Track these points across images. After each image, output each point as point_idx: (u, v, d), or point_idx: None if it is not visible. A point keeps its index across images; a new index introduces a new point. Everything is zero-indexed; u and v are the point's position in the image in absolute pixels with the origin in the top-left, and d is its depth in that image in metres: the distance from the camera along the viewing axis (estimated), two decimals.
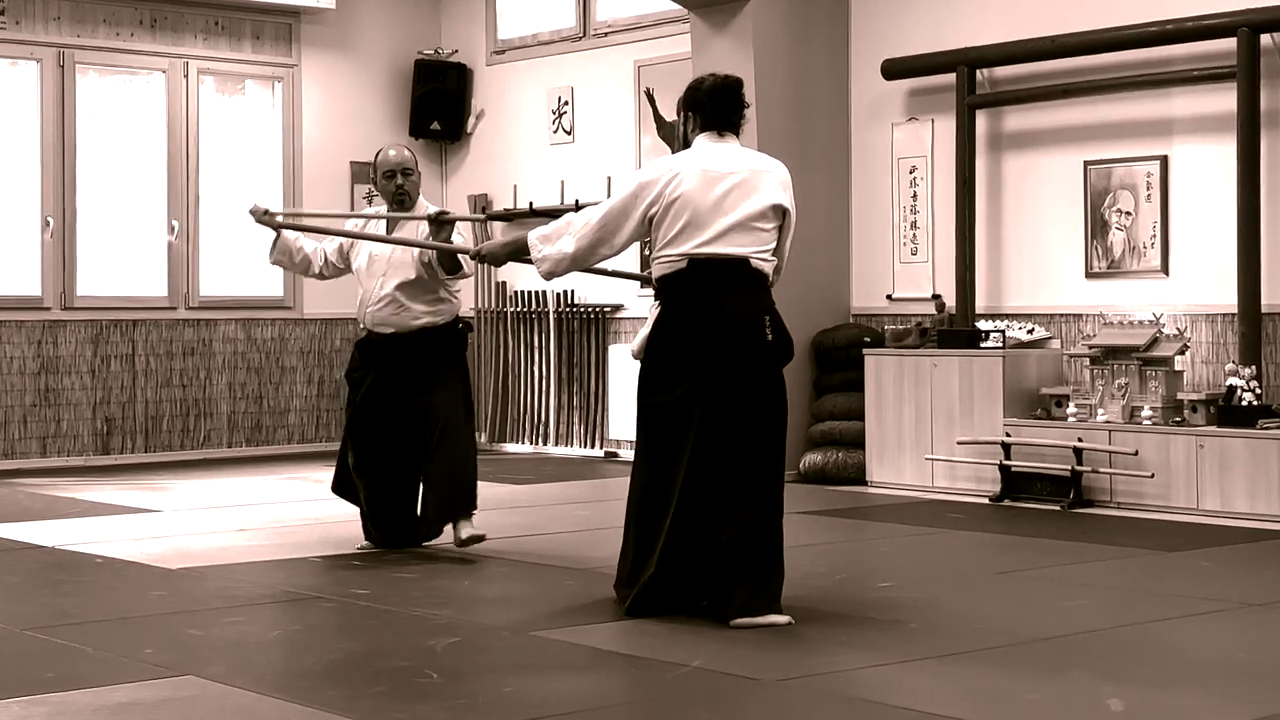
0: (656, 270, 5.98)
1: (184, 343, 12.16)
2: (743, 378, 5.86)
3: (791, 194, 6.06)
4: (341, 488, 7.68)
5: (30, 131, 11.63)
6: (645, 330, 6.04)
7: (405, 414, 7.36)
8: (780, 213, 5.99)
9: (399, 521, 7.54)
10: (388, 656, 5.33)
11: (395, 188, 7.40)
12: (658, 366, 5.97)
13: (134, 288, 12.03)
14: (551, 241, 6.14)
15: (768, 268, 5.96)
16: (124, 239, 12.04)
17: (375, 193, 7.83)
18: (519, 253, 6.35)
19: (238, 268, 12.41)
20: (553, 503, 9.32)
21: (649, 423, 6.00)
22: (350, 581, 6.80)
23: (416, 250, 7.32)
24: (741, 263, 5.88)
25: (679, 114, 6.21)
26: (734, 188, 5.90)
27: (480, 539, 7.25)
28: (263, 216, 7.34)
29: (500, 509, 8.78)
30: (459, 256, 7.20)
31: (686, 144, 6.13)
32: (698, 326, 5.86)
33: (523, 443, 12.54)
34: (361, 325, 7.56)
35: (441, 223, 7.18)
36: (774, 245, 5.99)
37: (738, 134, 6.10)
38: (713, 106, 6.05)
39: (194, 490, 10.19)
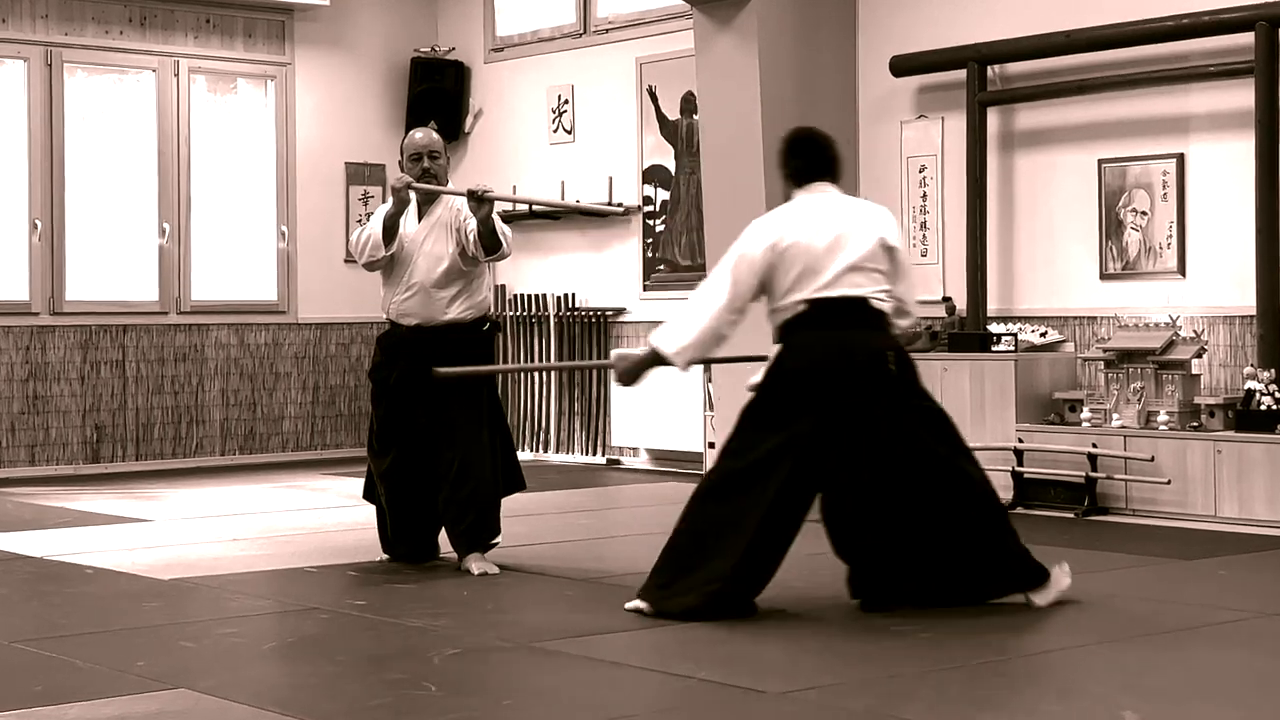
0: (776, 319, 6.15)
1: (175, 348, 12.06)
2: (872, 409, 6.00)
3: (897, 232, 6.28)
4: (371, 494, 7.53)
5: (18, 132, 11.52)
6: (766, 366, 6.17)
7: (427, 428, 7.19)
8: (890, 251, 6.15)
9: (421, 533, 7.37)
10: (385, 668, 5.27)
11: (422, 170, 7.25)
12: (772, 397, 6.09)
13: (124, 292, 11.94)
14: (681, 336, 6.17)
15: (886, 307, 6.13)
16: (114, 242, 11.94)
17: (370, 195, 7.68)
18: (657, 363, 6.29)
19: (230, 271, 12.36)
20: (553, 511, 9.23)
21: (745, 440, 6.12)
22: (346, 592, 6.74)
23: (453, 232, 7.18)
24: (860, 302, 6.08)
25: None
26: (840, 233, 6.11)
27: (493, 573, 7.07)
28: None
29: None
30: (498, 234, 7.07)
31: (787, 199, 6.35)
32: (820, 361, 6.02)
33: (523, 449, 12.38)
34: (385, 317, 7.39)
35: (481, 199, 6.99)
36: (889, 286, 6.14)
37: (835, 179, 6.30)
38: (794, 159, 6.34)
39: (186, 499, 10.12)
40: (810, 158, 6.31)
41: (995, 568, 6.16)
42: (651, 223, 11.70)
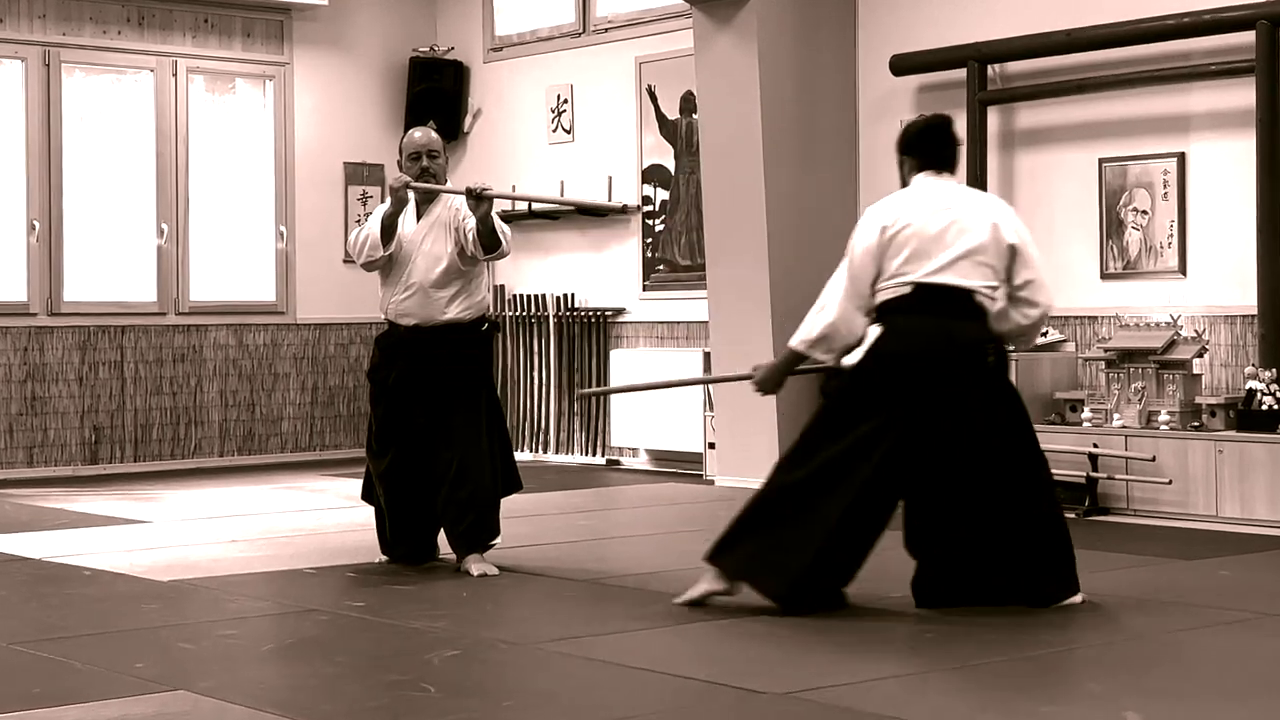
0: (880, 297, 6.09)
1: (174, 349, 12.02)
2: (968, 401, 5.97)
3: (1017, 227, 6.17)
4: (370, 495, 7.49)
5: (15, 132, 11.48)
6: (864, 346, 6.11)
7: (426, 428, 7.16)
8: (1006, 248, 6.08)
9: (419, 534, 7.33)
10: (384, 670, 5.24)
11: (420, 170, 7.20)
12: (869, 380, 6.03)
13: (122, 293, 11.89)
14: (813, 331, 6.18)
15: (991, 306, 6.06)
16: (112, 243, 11.90)
17: (368, 195, 7.65)
18: (795, 363, 6.31)
19: (228, 272, 12.32)
20: (553, 512, 9.19)
21: (839, 415, 6.07)
22: (345, 593, 6.71)
23: (451, 232, 7.15)
24: (966, 294, 6.03)
25: (897, 158, 6.39)
26: (954, 221, 6.07)
27: (492, 574, 7.04)
28: None
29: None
30: (497, 232, 7.05)
31: (904, 185, 6.33)
32: (922, 347, 5.98)
33: (522, 450, 12.35)
34: (384, 318, 7.35)
35: (480, 198, 6.96)
36: (998, 283, 6.07)
37: (953, 171, 6.27)
38: (924, 146, 6.29)
39: (185, 500, 10.08)
40: (939, 145, 6.28)
41: (1047, 577, 6.11)
42: (651, 223, 11.67)
